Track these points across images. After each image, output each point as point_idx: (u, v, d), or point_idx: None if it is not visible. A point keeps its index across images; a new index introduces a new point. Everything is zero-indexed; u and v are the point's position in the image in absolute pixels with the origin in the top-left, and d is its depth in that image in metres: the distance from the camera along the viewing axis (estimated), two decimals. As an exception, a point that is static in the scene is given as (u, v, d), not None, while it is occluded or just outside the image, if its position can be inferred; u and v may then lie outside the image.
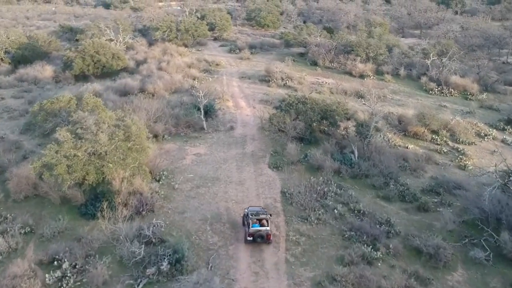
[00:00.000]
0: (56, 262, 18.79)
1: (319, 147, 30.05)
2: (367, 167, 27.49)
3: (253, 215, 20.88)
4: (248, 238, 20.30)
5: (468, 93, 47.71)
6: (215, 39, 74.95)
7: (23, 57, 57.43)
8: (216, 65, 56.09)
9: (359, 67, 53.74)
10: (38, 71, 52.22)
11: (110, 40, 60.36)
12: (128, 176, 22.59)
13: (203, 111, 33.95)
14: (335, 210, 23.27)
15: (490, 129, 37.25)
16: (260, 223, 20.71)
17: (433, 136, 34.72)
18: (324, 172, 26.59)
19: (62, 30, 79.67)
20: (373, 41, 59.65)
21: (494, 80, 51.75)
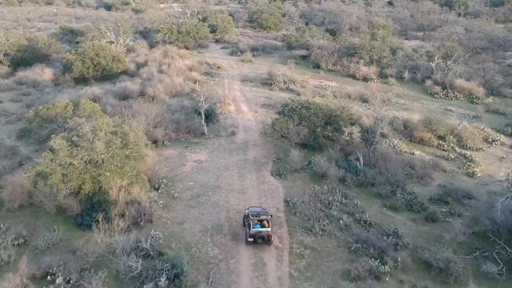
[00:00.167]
0: (49, 277, 17.99)
1: (323, 153, 29.19)
2: (373, 175, 26.64)
3: (254, 216, 20.80)
4: (249, 239, 20.24)
5: (473, 97, 46.86)
6: (217, 41, 74.24)
7: (23, 59, 56.81)
8: (218, 67, 55.32)
9: (363, 70, 52.94)
10: (37, 73, 51.55)
11: (111, 42, 59.69)
12: (126, 185, 21.79)
13: (204, 115, 33.13)
14: (341, 220, 22.42)
15: (498, 134, 36.40)
16: (261, 224, 20.68)
17: (439, 141, 33.86)
18: (328, 180, 25.74)
19: (63, 32, 79.10)
20: (376, 43, 58.85)
21: (500, 83, 50.86)
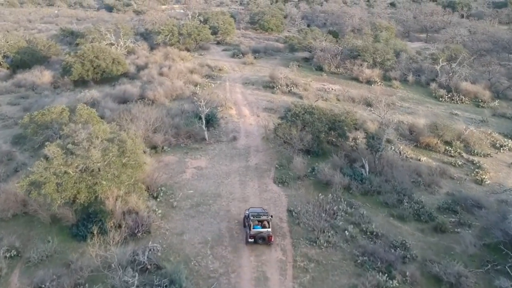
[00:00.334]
0: (42, 292, 17.22)
1: (327, 160, 28.31)
2: (379, 183, 25.76)
3: (254, 217, 20.80)
4: (249, 240, 20.30)
5: (479, 100, 46.03)
6: (218, 43, 73.54)
7: (22, 61, 56.19)
8: (219, 70, 54.58)
9: (366, 72, 52.11)
10: (36, 76, 50.96)
11: (111, 44, 59.06)
12: (123, 194, 20.98)
13: (204, 120, 32.30)
14: (346, 231, 21.55)
15: (506, 139, 35.50)
16: (261, 224, 20.70)
17: (446, 147, 32.96)
18: (333, 189, 24.86)
19: (63, 34, 78.57)
20: (380, 45, 57.99)
21: (506, 86, 49.94)
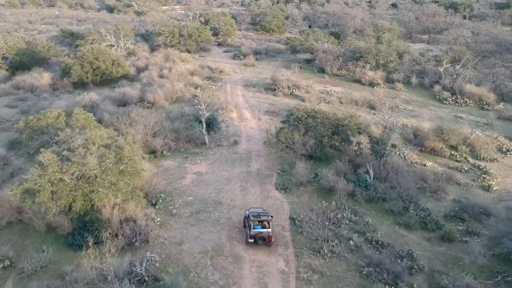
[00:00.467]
0: (35, 306, 16.59)
1: (330, 165, 27.62)
2: (384, 190, 25.07)
3: (254, 217, 20.74)
4: (250, 240, 20.24)
5: (484, 103, 45.39)
6: (219, 45, 72.92)
7: (21, 63, 55.65)
8: (220, 72, 53.97)
9: (369, 74, 51.45)
10: (35, 78, 50.41)
11: (111, 46, 58.51)
12: (120, 202, 20.32)
13: (205, 124, 31.63)
14: (351, 240, 20.87)
15: (512, 143, 34.80)
16: (262, 225, 20.65)
17: (452, 152, 32.27)
18: (337, 196, 24.18)
19: (63, 35, 78.12)
20: (382, 47, 57.30)
21: (510, 89, 49.20)
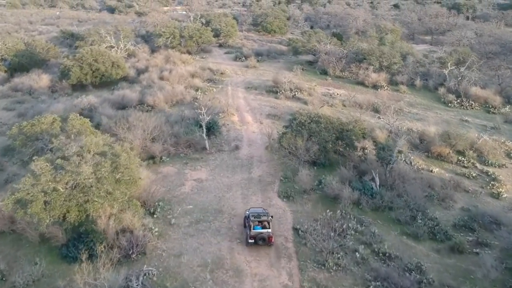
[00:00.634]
0: (25, 324, 15.77)
1: (334, 172, 26.71)
2: (390, 198, 24.18)
3: (254, 217, 20.63)
4: (250, 241, 20.14)
5: (489, 106, 44.56)
6: (220, 46, 72.14)
7: (20, 64, 54.91)
8: (221, 74, 53.18)
9: (372, 77, 50.61)
10: (33, 80, 49.68)
11: (111, 47, 57.78)
12: (116, 212, 19.50)
13: (205, 129, 30.77)
14: (357, 253, 20.01)
15: (520, 148, 33.87)
16: (262, 225, 20.57)
17: (459, 157, 31.38)
18: (341, 204, 23.32)
19: (63, 36, 77.41)
20: (386, 49, 56.43)
21: (517, 91, 48.29)
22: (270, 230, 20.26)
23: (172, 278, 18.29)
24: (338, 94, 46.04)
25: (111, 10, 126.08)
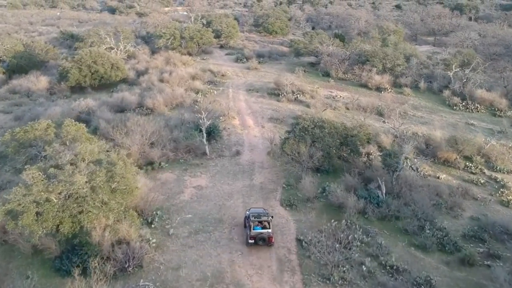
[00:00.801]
0: None
1: (338, 179, 25.85)
2: (397, 207, 23.31)
3: (254, 217, 20.58)
4: (250, 241, 20.07)
5: (495, 109, 43.75)
6: (221, 47, 71.37)
7: (19, 66, 54.16)
8: (222, 76, 52.39)
9: (376, 79, 49.75)
10: (32, 82, 48.92)
11: (110, 49, 57.04)
12: (112, 223, 18.68)
13: (205, 134, 29.92)
14: (363, 265, 19.15)
15: (529, 153, 32.97)
16: (262, 225, 20.53)
17: (466, 163, 30.52)
18: (347, 214, 22.45)
19: (63, 37, 76.68)
20: (389, 50, 55.54)
21: (523, 94, 47.41)
22: (270, 230, 20.24)
23: (169, 293, 17.49)
24: (341, 97, 45.22)
25: (112, 11, 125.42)
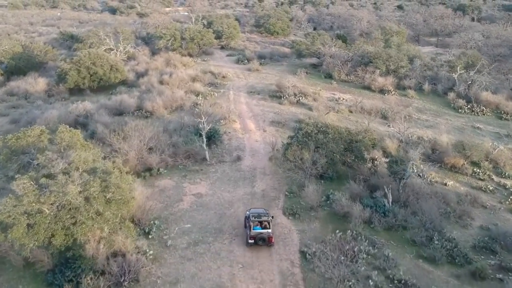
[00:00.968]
0: None
1: (343, 186, 24.96)
2: (404, 216, 22.42)
3: (254, 217, 20.52)
4: (250, 241, 20.02)
5: (501, 111, 42.88)
6: (222, 48, 70.57)
7: (17, 68, 53.44)
8: (223, 77, 51.55)
9: (379, 81, 48.87)
10: (30, 84, 48.21)
11: (110, 50, 56.26)
12: (107, 235, 17.86)
13: (205, 138, 29.07)
14: (370, 280, 18.29)
15: (537, 158, 32.03)
16: (262, 225, 20.47)
17: (473, 168, 29.62)
18: (352, 223, 21.58)
19: (63, 38, 75.93)
20: (393, 51, 54.62)
21: (529, 96, 46.47)
22: (270, 231, 20.22)
23: (167, 310, 16.66)
24: (344, 99, 44.36)
25: (113, 11, 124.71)
